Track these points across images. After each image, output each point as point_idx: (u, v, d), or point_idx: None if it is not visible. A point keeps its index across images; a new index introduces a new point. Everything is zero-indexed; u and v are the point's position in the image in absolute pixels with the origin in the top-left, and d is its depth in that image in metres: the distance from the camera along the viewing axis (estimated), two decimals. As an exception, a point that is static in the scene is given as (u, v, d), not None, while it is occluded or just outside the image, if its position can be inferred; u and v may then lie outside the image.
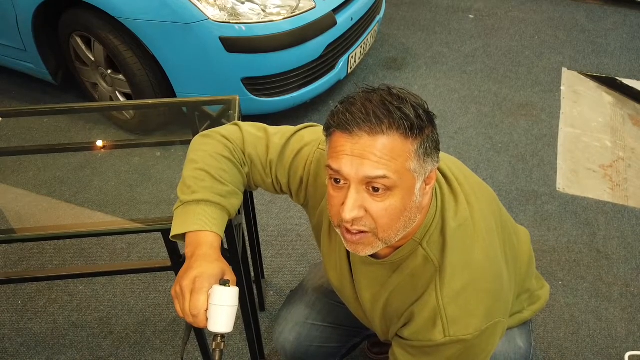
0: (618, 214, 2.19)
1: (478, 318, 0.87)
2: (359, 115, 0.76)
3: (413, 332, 0.90)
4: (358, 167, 0.76)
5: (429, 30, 3.53)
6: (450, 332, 0.86)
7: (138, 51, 2.22)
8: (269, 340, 1.72)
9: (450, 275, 0.87)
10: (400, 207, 0.79)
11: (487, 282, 0.90)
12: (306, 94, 2.43)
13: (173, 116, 2.49)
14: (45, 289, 1.90)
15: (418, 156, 0.78)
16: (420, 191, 0.81)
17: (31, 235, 1.16)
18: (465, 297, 0.87)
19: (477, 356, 0.91)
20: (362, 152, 0.75)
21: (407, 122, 0.75)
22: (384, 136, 0.75)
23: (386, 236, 0.81)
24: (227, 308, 0.83)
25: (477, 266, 0.89)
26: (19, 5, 2.32)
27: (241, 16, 2.14)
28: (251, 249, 1.68)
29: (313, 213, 1.08)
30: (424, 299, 0.89)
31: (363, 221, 0.79)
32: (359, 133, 0.76)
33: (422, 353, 0.92)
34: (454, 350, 0.88)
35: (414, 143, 0.77)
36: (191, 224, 0.92)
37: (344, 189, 0.79)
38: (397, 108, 0.76)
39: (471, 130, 2.65)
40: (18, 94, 2.89)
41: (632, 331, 1.76)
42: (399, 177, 0.76)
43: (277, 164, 1.04)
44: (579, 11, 3.76)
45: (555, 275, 1.94)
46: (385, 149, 0.75)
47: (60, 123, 2.66)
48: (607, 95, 2.92)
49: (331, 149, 0.80)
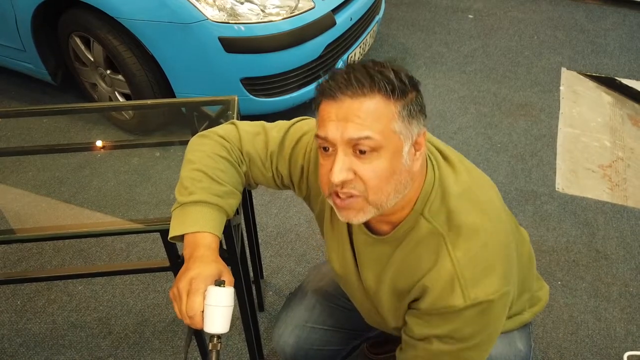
0: (617, 214, 2.19)
1: (496, 280, 0.87)
2: (342, 81, 0.79)
3: (430, 302, 0.88)
4: (343, 130, 0.78)
5: (428, 30, 3.53)
6: (470, 296, 0.85)
7: (137, 51, 2.23)
8: (268, 340, 1.72)
9: (463, 238, 0.87)
10: (388, 169, 0.80)
11: (499, 245, 0.90)
12: (305, 94, 2.43)
13: (172, 116, 2.49)
14: (44, 289, 1.90)
15: (402, 117, 0.79)
16: (409, 155, 0.82)
17: (30, 235, 1.16)
18: (482, 256, 0.87)
19: (493, 322, 0.90)
20: (345, 115, 0.78)
21: (388, 84, 0.78)
22: (365, 98, 0.78)
23: (376, 199, 0.81)
24: (222, 308, 0.83)
25: (488, 229, 0.89)
26: (18, 6, 2.32)
27: (240, 16, 2.14)
28: (250, 249, 1.68)
29: (315, 202, 1.08)
30: (437, 269, 0.87)
31: (352, 184, 0.80)
32: (342, 97, 0.78)
33: (441, 319, 0.90)
34: (474, 314, 0.87)
35: (396, 104, 0.79)
36: (189, 226, 0.93)
37: (332, 155, 0.81)
38: (378, 72, 0.79)
39: (470, 130, 2.65)
40: (17, 94, 2.89)
41: (631, 331, 1.76)
42: (383, 138, 0.78)
43: (278, 156, 1.04)
44: (578, 11, 3.76)
45: (554, 275, 1.94)
46: (369, 111, 0.77)
47: (59, 123, 2.66)
48: (606, 95, 2.92)
49: (319, 119, 0.83)
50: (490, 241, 0.88)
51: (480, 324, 0.88)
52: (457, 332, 0.88)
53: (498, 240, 0.90)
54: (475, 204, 0.90)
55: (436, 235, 0.88)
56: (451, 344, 0.90)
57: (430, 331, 0.91)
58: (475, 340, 0.90)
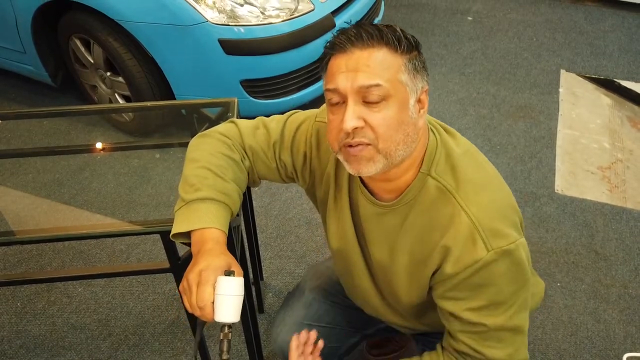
0: (616, 215, 2.19)
1: (512, 229, 0.88)
2: (352, 34, 0.83)
3: (454, 262, 0.88)
4: (353, 79, 0.81)
5: (428, 32, 3.54)
6: (492, 245, 0.86)
7: (137, 53, 2.23)
8: (268, 342, 1.72)
9: (473, 191, 0.89)
10: (397, 118, 0.83)
11: (507, 197, 0.93)
12: (305, 96, 2.43)
13: (172, 118, 2.49)
14: (44, 291, 1.90)
15: (408, 70, 0.83)
16: (415, 109, 0.85)
17: (30, 237, 1.16)
18: (495, 208, 0.89)
19: (523, 274, 0.90)
20: (355, 66, 0.82)
21: (395, 37, 0.83)
22: (374, 49, 0.82)
23: (386, 147, 0.83)
24: (232, 297, 0.84)
25: (494, 183, 0.93)
26: (19, 8, 2.33)
27: (240, 18, 2.14)
28: (250, 250, 1.68)
29: (319, 185, 1.08)
30: (455, 226, 0.88)
31: (363, 132, 0.82)
32: (352, 49, 0.83)
33: (474, 286, 0.89)
34: (504, 267, 0.87)
35: (402, 57, 0.83)
36: (196, 222, 0.93)
37: (342, 108, 0.84)
38: (385, 26, 0.84)
39: (469, 132, 2.65)
40: (17, 96, 2.89)
41: (630, 333, 1.76)
42: (392, 86, 0.82)
43: (280, 146, 1.06)
44: (577, 13, 3.77)
45: (554, 276, 1.94)
46: (377, 60, 0.82)
47: (59, 125, 2.66)
48: (605, 97, 2.93)
49: (328, 73, 0.87)
50: (497, 195, 0.91)
51: (514, 278, 0.89)
52: (499, 294, 0.89)
53: (504, 193, 0.93)
54: (477, 162, 0.94)
55: (445, 194, 0.90)
56: (501, 311, 0.90)
57: (470, 304, 0.91)
58: (519, 299, 0.91)
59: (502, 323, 0.91)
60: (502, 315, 0.90)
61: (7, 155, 2.40)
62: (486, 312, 0.90)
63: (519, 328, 0.93)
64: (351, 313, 1.27)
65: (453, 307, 0.93)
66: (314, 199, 1.14)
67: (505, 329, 0.91)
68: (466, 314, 0.91)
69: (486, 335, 0.92)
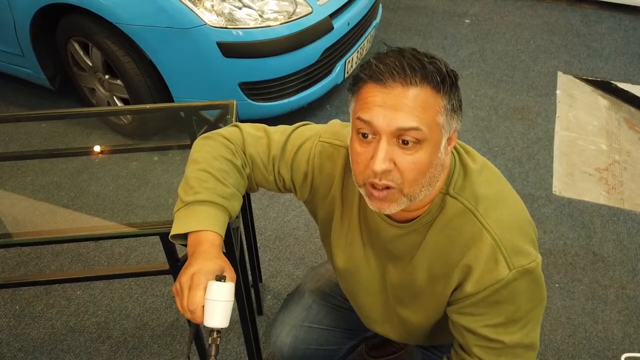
0: (614, 216, 2.20)
1: (531, 245, 0.88)
2: (393, 67, 0.76)
3: (476, 281, 0.87)
4: (391, 118, 0.76)
5: (425, 34, 3.55)
6: (514, 264, 0.84)
7: (135, 56, 2.23)
8: (267, 344, 1.72)
9: (492, 207, 0.88)
10: (427, 162, 0.79)
11: (523, 211, 0.92)
12: (303, 99, 2.44)
13: (170, 121, 2.50)
14: (43, 293, 1.90)
15: (447, 111, 0.79)
16: (445, 149, 0.82)
17: (29, 239, 1.16)
18: (515, 225, 0.88)
19: (541, 291, 0.90)
20: (395, 103, 0.76)
21: (439, 75, 0.77)
22: (417, 88, 0.76)
23: (411, 192, 0.81)
24: (222, 303, 0.84)
25: (511, 196, 0.92)
26: (17, 11, 2.33)
27: (238, 21, 2.15)
28: (249, 252, 1.68)
29: (322, 203, 1.07)
30: (476, 245, 0.87)
31: (391, 175, 0.79)
32: (392, 84, 0.76)
33: (493, 304, 0.87)
34: (524, 286, 0.86)
35: (443, 98, 0.78)
36: (193, 224, 0.93)
37: (372, 143, 0.79)
38: (429, 62, 0.77)
39: (467, 134, 2.66)
40: (16, 99, 2.89)
41: (628, 333, 1.76)
42: (429, 130, 0.77)
43: (280, 160, 1.05)
44: (574, 15, 3.78)
45: (552, 277, 1.95)
46: (418, 101, 0.76)
47: (57, 128, 2.66)
48: (602, 98, 2.94)
49: (361, 100, 0.80)
50: (515, 209, 0.91)
51: (533, 295, 0.88)
52: (517, 311, 0.88)
53: (520, 207, 0.92)
54: (493, 176, 0.93)
55: (466, 212, 0.88)
56: (518, 327, 0.89)
57: (487, 321, 0.90)
58: (535, 316, 0.90)
59: (519, 340, 0.90)
60: (519, 332, 0.90)
61: (6, 158, 2.40)
62: (503, 330, 0.90)
63: (533, 345, 0.93)
64: (350, 316, 1.27)
65: (469, 323, 0.92)
66: (314, 214, 1.13)
67: (521, 345, 0.91)
68: (483, 330, 0.90)
69: (502, 351, 0.92)
